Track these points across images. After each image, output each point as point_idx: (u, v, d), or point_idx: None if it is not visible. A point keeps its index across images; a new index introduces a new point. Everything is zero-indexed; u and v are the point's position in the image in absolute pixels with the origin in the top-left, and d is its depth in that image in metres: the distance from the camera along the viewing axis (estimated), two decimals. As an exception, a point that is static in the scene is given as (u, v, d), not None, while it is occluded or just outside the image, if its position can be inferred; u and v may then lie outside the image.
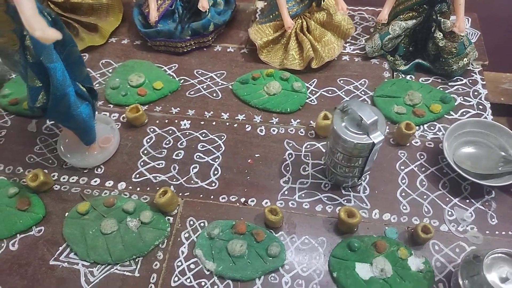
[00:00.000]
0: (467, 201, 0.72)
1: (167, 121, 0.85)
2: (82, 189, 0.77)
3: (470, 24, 0.97)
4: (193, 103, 0.88)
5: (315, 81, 0.90)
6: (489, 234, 0.69)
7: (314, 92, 0.88)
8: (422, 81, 0.88)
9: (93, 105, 0.73)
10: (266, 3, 1.00)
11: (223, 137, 0.82)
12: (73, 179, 0.78)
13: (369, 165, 0.68)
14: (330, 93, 0.88)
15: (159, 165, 0.79)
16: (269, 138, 0.82)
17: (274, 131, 0.83)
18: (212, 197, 0.75)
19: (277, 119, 0.84)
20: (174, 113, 0.86)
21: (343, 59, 0.93)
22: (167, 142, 0.82)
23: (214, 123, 0.85)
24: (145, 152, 0.81)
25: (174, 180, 0.77)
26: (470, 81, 0.88)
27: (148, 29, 0.93)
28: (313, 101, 0.87)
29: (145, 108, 0.87)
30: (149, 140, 0.83)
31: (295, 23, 0.89)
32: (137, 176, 0.78)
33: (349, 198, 0.74)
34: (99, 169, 0.79)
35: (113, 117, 0.86)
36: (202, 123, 0.85)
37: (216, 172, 0.78)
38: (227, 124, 0.84)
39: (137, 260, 0.69)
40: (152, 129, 0.84)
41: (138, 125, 0.84)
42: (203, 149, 0.81)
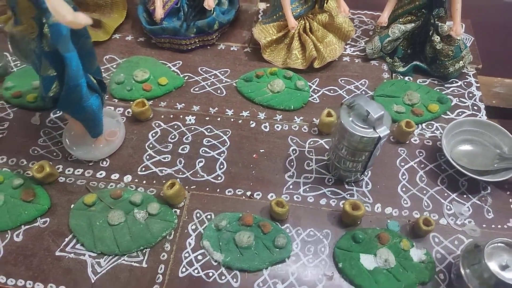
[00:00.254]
0: (465, 196, 0.75)
1: (172, 116, 0.86)
2: (87, 182, 0.77)
3: (464, 29, 1.01)
4: (197, 99, 0.89)
5: (317, 80, 0.92)
6: (486, 227, 0.72)
7: (316, 91, 0.90)
8: (419, 82, 0.91)
9: (102, 97, 0.74)
10: (268, 4, 1.02)
11: (228, 133, 0.84)
12: (78, 172, 0.78)
13: (372, 160, 0.71)
14: (332, 92, 0.90)
15: (165, 159, 0.80)
16: (273, 134, 0.84)
17: (278, 127, 0.85)
18: (218, 190, 0.76)
19: (281, 116, 0.86)
20: (179, 108, 0.88)
21: (343, 60, 0.96)
22: (173, 136, 0.83)
23: (219, 119, 0.86)
24: (151, 146, 0.82)
25: (180, 173, 0.78)
26: (465, 83, 0.91)
27: (153, 26, 0.94)
28: (315, 99, 0.89)
29: (150, 103, 0.87)
30: (154, 134, 0.84)
31: (298, 23, 0.91)
32: (143, 169, 0.79)
33: (352, 192, 0.76)
34: (105, 162, 0.80)
35: (118, 111, 0.86)
36: (207, 118, 0.86)
37: (221, 166, 0.79)
38: (232, 120, 0.86)
39: (144, 251, 0.69)
40: (157, 124, 0.85)
41: (143, 119, 0.85)
42: (209, 144, 0.82)
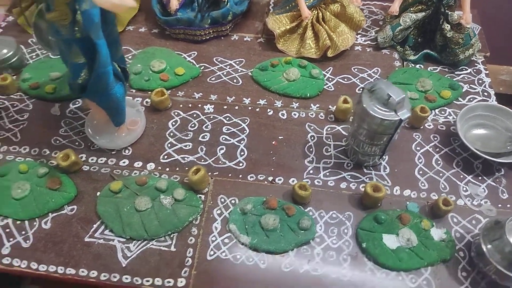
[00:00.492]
0: (480, 178, 0.78)
1: (190, 105, 0.88)
2: (111, 170, 0.78)
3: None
4: (214, 89, 0.90)
5: (330, 69, 0.94)
6: (501, 207, 0.75)
7: (330, 79, 0.92)
8: (430, 70, 0.94)
9: (125, 85, 0.75)
10: (280, -4, 1.04)
11: (246, 121, 0.85)
12: (102, 160, 0.79)
13: (391, 143, 0.73)
14: (345, 80, 0.92)
15: (186, 146, 0.81)
16: (290, 121, 0.86)
17: (295, 115, 0.87)
18: (240, 176, 0.78)
19: (297, 104, 0.88)
20: (197, 98, 0.89)
21: (355, 49, 0.98)
22: (192, 125, 0.85)
23: (236, 108, 0.87)
24: (171, 134, 0.83)
25: (202, 160, 0.80)
26: (474, 70, 0.94)
27: (167, 17, 0.95)
28: (330, 87, 0.91)
29: (168, 93, 0.88)
30: (174, 123, 0.85)
31: (311, 13, 0.93)
32: (165, 157, 0.80)
33: (370, 176, 0.78)
34: (127, 151, 0.81)
35: (136, 101, 0.87)
36: (225, 107, 0.87)
37: (242, 153, 0.81)
38: (249, 108, 0.87)
39: (172, 235, 0.71)
40: (176, 113, 0.86)
41: (162, 108, 0.86)
42: (228, 131, 0.84)
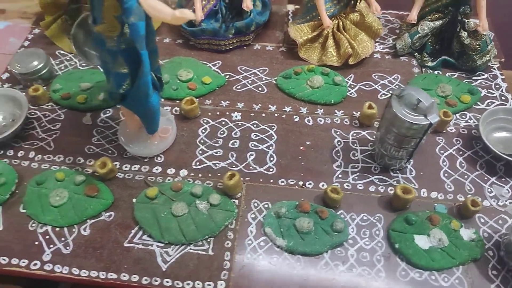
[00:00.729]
0: (503, 179, 0.81)
1: (218, 113, 0.90)
2: (145, 176, 0.80)
3: (484, 26, 1.08)
4: (241, 97, 0.93)
5: (352, 76, 0.97)
6: (526, 207, 0.77)
7: (352, 86, 0.95)
8: (448, 76, 0.97)
9: (160, 95, 0.77)
10: (298, 6, 1.07)
11: (273, 127, 0.88)
12: (135, 168, 0.81)
13: (419, 147, 0.75)
14: (367, 86, 0.95)
15: (217, 153, 0.84)
16: (317, 127, 0.88)
17: (320, 121, 0.89)
18: (271, 181, 0.80)
19: (322, 110, 0.91)
20: (224, 106, 0.91)
21: (374, 56, 1.01)
22: (222, 132, 0.87)
23: (263, 115, 0.90)
24: (202, 141, 0.85)
25: (233, 166, 0.82)
26: (491, 75, 0.97)
27: (193, 28, 0.98)
28: (352, 94, 0.94)
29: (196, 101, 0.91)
30: (204, 130, 0.87)
31: (332, 22, 0.96)
32: (197, 163, 0.82)
33: (397, 179, 0.81)
34: (159, 158, 0.83)
35: (166, 110, 0.90)
36: (252, 114, 0.90)
37: (271, 158, 0.83)
38: (276, 115, 0.90)
39: (209, 240, 0.73)
40: (205, 121, 0.88)
41: (191, 117, 0.88)
42: (257, 138, 0.86)
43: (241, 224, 0.75)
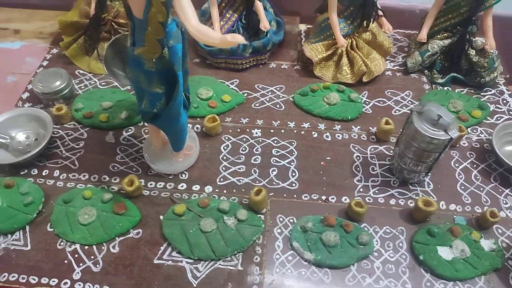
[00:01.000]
0: (517, 191, 0.84)
1: (239, 130, 0.92)
2: (171, 193, 0.81)
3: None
4: (260, 114, 0.95)
5: (366, 93, 1.00)
6: (540, 217, 0.80)
7: (367, 102, 0.98)
8: (458, 92, 1.01)
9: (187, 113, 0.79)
10: (310, 26, 1.10)
11: (293, 143, 0.90)
12: (160, 185, 0.83)
13: (438, 161, 0.78)
14: (381, 103, 0.99)
15: (240, 169, 0.85)
16: (335, 143, 0.91)
17: (338, 136, 0.92)
18: (295, 196, 0.82)
19: (339, 126, 0.94)
20: (244, 123, 0.94)
21: (386, 74, 1.05)
22: (243, 148, 0.89)
23: (282, 131, 0.92)
24: (224, 158, 0.87)
25: (256, 182, 0.84)
26: (498, 91, 1.01)
27: (211, 47, 1.00)
28: (368, 110, 0.97)
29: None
30: (226, 147, 0.89)
31: (346, 41, 1.00)
32: (222, 180, 0.84)
33: (416, 192, 0.83)
34: (183, 175, 0.84)
35: (189, 127, 0.91)
36: (271, 131, 0.92)
37: (294, 174, 0.85)
38: (295, 131, 0.92)
39: (237, 255, 0.74)
40: (226, 138, 0.91)
41: (213, 134, 0.90)
42: (278, 154, 0.88)
43: (268, 239, 0.76)
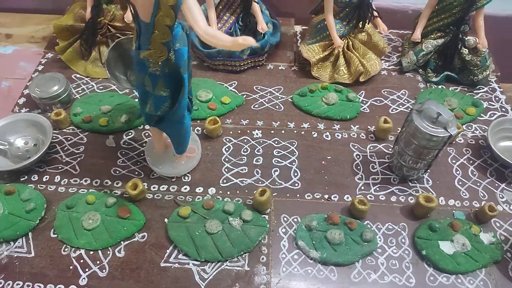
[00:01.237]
0: (512, 185, 0.86)
1: (239, 131, 0.93)
2: (175, 196, 0.81)
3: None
4: (259, 115, 0.96)
5: (363, 92, 1.02)
6: (536, 210, 0.83)
7: (364, 101, 1.00)
8: (452, 90, 1.03)
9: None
10: (305, 27, 1.11)
11: (294, 143, 0.91)
12: (163, 188, 0.83)
13: (437, 157, 0.80)
14: (378, 102, 1.00)
15: (242, 170, 0.86)
16: (335, 142, 0.92)
17: (338, 136, 0.93)
18: (298, 195, 0.83)
19: (339, 125, 0.95)
20: (244, 124, 0.94)
21: (382, 73, 1.07)
22: (245, 150, 0.89)
23: (283, 132, 0.93)
24: (226, 159, 0.88)
25: (259, 183, 0.84)
26: (490, 89, 1.04)
27: (209, 49, 1.01)
28: (365, 109, 0.99)
29: (217, 120, 0.93)
30: (227, 149, 0.89)
31: (342, 42, 1.01)
32: (225, 181, 0.84)
33: (416, 189, 0.85)
34: (186, 177, 0.84)
35: (188, 130, 0.92)
36: (272, 132, 0.93)
37: (296, 174, 0.86)
38: (295, 132, 0.93)
39: (244, 255, 0.74)
40: (227, 139, 0.91)
41: (214, 136, 0.91)
42: (279, 154, 0.89)
43: (273, 238, 0.77)
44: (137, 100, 0.97)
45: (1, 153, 0.84)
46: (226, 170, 0.86)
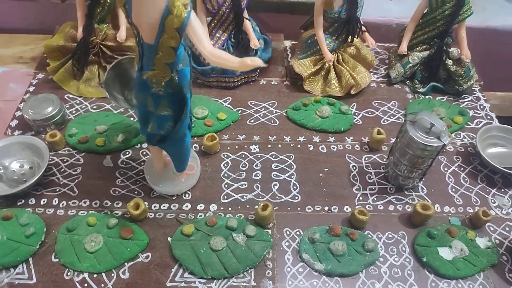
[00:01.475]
0: (502, 190, 0.90)
1: (237, 147, 0.93)
2: (176, 214, 0.81)
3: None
4: (255, 130, 0.97)
5: (354, 105, 1.05)
6: (526, 213, 0.86)
7: (356, 113, 1.03)
8: (438, 99, 1.07)
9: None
10: (298, 42, 1.13)
11: (291, 157, 0.92)
12: (164, 206, 0.82)
13: (431, 166, 0.83)
14: (370, 113, 1.03)
15: (242, 185, 0.87)
16: (331, 154, 0.94)
17: (333, 148, 0.95)
18: (298, 208, 0.84)
19: (333, 138, 0.97)
20: (241, 139, 0.95)
21: (371, 86, 1.10)
22: (243, 165, 0.90)
23: (279, 146, 0.95)
24: (226, 175, 0.88)
25: (260, 197, 0.85)
26: (474, 97, 1.09)
27: (203, 67, 1.02)
28: (358, 121, 1.01)
29: (214, 137, 0.94)
30: (226, 165, 0.90)
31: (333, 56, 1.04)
32: (225, 197, 0.85)
33: (412, 197, 0.87)
34: (187, 195, 0.85)
35: (185, 147, 0.92)
36: (269, 146, 0.94)
37: (295, 187, 0.87)
38: (291, 145, 0.95)
39: (249, 271, 0.75)
40: (225, 155, 0.92)
41: (212, 152, 0.91)
42: (277, 168, 0.90)
43: (277, 252, 0.77)
44: (132, 119, 0.97)
45: (-5, 177, 0.83)
46: (226, 186, 0.86)
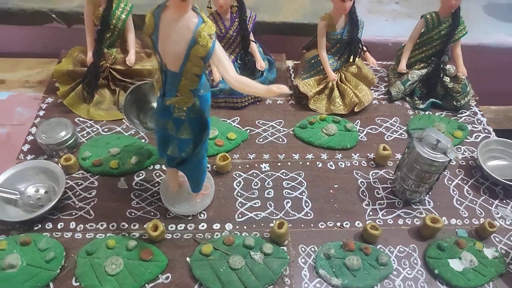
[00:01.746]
0: (504, 201, 0.93)
1: (248, 166, 0.96)
2: (193, 234, 0.83)
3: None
4: (265, 149, 1.00)
5: (358, 122, 1.08)
6: (528, 223, 0.90)
7: (361, 130, 1.06)
8: (437, 115, 1.11)
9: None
10: (300, 62, 1.17)
11: (301, 174, 0.95)
12: (181, 227, 0.84)
13: (437, 180, 0.86)
14: (373, 130, 1.07)
15: (255, 204, 0.89)
16: (339, 171, 0.97)
17: (341, 164, 0.98)
18: (312, 225, 0.86)
19: (340, 154, 1.00)
20: (251, 158, 0.97)
21: (373, 103, 1.14)
22: (255, 183, 0.92)
23: (289, 163, 0.97)
24: (239, 194, 0.90)
25: (274, 215, 0.87)
26: (472, 112, 1.13)
27: (211, 88, 1.04)
28: (363, 138, 1.04)
29: (225, 156, 0.96)
30: (238, 184, 0.92)
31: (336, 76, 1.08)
32: (240, 216, 0.86)
33: (420, 211, 0.90)
34: (202, 215, 0.86)
35: (198, 167, 0.94)
36: (279, 164, 0.97)
37: (307, 204, 0.90)
38: (300, 163, 0.97)
39: (268, 288, 0.76)
40: (237, 174, 0.94)
41: (224, 172, 0.93)
42: (288, 186, 0.93)
43: (294, 269, 0.79)
44: (143, 140, 0.98)
45: (11, 202, 0.83)
46: (239, 204, 0.88)
